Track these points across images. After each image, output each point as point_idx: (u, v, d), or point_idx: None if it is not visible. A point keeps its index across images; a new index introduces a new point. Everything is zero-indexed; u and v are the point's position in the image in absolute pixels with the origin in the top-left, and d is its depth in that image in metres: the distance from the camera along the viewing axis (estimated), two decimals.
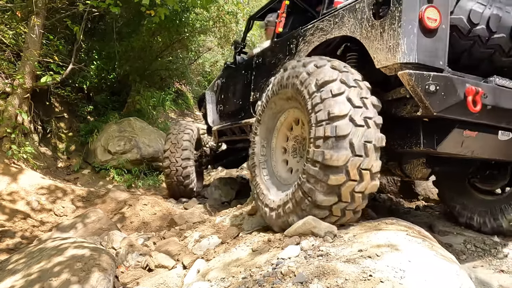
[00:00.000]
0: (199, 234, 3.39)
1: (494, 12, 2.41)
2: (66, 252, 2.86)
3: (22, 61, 5.96)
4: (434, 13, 2.24)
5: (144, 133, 7.03)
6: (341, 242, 2.03)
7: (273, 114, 3.07)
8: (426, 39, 2.24)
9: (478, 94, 2.23)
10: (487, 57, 2.57)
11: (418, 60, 2.21)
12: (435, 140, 2.51)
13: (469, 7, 2.42)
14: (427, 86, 2.19)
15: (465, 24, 2.43)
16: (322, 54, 2.91)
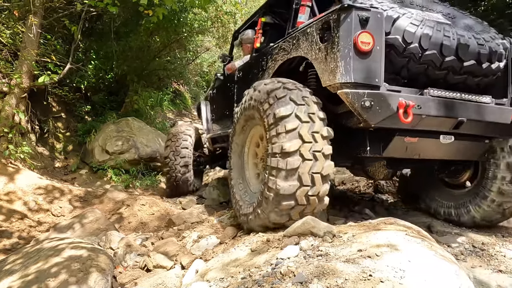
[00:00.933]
0: (197, 234, 3.38)
1: (424, 32, 2.65)
2: (63, 253, 2.84)
3: (20, 61, 5.93)
4: (367, 37, 2.49)
5: (142, 133, 7.01)
6: (340, 242, 2.02)
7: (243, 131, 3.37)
8: (361, 61, 2.50)
9: (409, 107, 2.49)
10: (422, 72, 2.79)
11: (354, 79, 2.48)
12: (381, 147, 2.84)
13: (403, 27, 2.66)
14: (362, 102, 2.46)
15: (400, 43, 2.67)
16: (287, 70, 3.31)
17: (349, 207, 4.19)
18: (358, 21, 2.50)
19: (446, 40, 2.68)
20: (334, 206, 4.20)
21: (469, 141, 3.09)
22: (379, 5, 2.77)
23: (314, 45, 2.86)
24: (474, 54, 2.75)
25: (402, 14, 2.71)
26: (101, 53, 8.16)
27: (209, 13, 9.81)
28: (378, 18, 2.57)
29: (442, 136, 2.90)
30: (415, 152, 2.95)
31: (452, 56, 2.71)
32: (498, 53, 2.86)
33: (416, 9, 2.94)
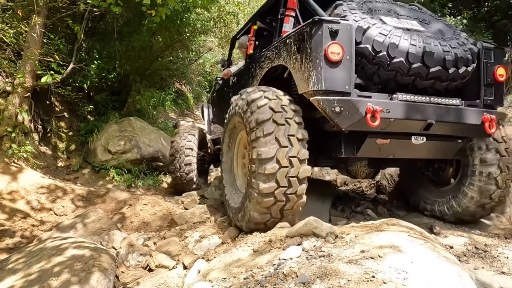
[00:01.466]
0: (199, 234, 3.38)
1: (392, 41, 2.83)
2: (66, 252, 2.85)
3: (23, 60, 5.94)
4: (337, 48, 2.69)
5: (144, 133, 7.01)
6: (342, 243, 2.02)
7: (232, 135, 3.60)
8: (331, 70, 2.70)
9: (377, 112, 2.68)
10: (392, 78, 2.97)
11: (325, 87, 2.70)
12: (355, 148, 3.05)
13: (373, 37, 2.85)
14: (333, 108, 2.68)
15: (370, 52, 2.87)
16: (273, 77, 3.54)
17: (351, 208, 4.18)
18: (328, 33, 2.71)
19: (412, 48, 2.84)
20: (337, 207, 4.20)
21: (441, 141, 3.26)
22: (352, 16, 2.98)
23: (292, 55, 3.08)
24: (439, 60, 2.90)
25: (372, 25, 2.90)
26: (104, 53, 8.18)
27: (212, 13, 9.81)
28: (348, 29, 2.77)
29: (414, 137, 3.07)
30: (388, 152, 3.17)
31: (419, 63, 2.87)
32: (464, 59, 2.99)
33: (392, 17, 3.15)
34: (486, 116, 3.08)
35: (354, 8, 3.10)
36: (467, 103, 3.16)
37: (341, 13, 3.07)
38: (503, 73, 3.25)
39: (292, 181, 2.73)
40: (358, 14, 3.01)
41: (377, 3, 3.37)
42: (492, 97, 3.25)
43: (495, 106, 3.29)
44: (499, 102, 3.31)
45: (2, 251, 4.06)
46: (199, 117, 15.90)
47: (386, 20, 3.06)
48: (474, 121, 3.10)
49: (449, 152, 3.45)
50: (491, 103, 3.25)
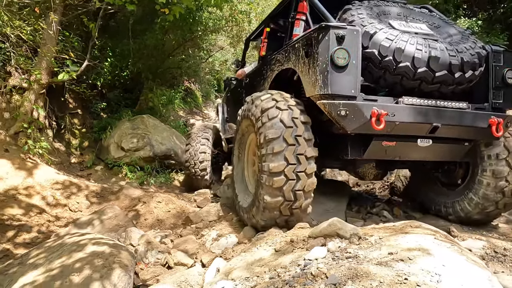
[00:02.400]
0: (216, 233, 3.39)
1: (398, 46, 2.86)
2: (86, 248, 2.87)
3: (39, 57, 6.00)
4: (343, 53, 2.75)
5: (157, 131, 7.04)
6: (368, 245, 2.01)
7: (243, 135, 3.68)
8: (337, 74, 2.76)
9: (382, 115, 2.76)
10: (398, 82, 3.00)
11: (331, 91, 2.76)
12: (361, 150, 3.12)
13: (379, 42, 2.90)
14: (338, 112, 2.75)
15: (377, 56, 2.92)
16: (284, 78, 3.59)
17: (367, 209, 4.16)
18: (335, 39, 2.77)
19: (417, 53, 2.86)
20: (352, 208, 4.19)
21: (448, 144, 3.27)
22: (359, 21, 3.03)
23: (300, 59, 3.15)
24: (445, 65, 2.90)
25: (379, 30, 2.95)
26: (117, 50, 8.23)
27: (224, 12, 9.82)
28: (354, 35, 2.82)
29: (420, 140, 3.12)
30: (394, 154, 3.22)
31: (424, 67, 2.89)
32: (471, 63, 2.98)
33: (400, 21, 3.20)
34: (493, 119, 3.08)
35: (363, 13, 3.14)
36: (475, 106, 3.15)
37: (349, 18, 3.13)
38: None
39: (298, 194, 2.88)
40: (366, 19, 3.05)
41: (386, 6, 3.41)
42: (501, 100, 3.24)
43: (504, 109, 3.29)
44: (508, 105, 3.30)
45: (19, 246, 4.11)
46: (207, 115, 15.93)
47: (394, 24, 3.11)
48: (481, 124, 3.10)
49: (456, 154, 3.45)
50: (500, 106, 3.24)
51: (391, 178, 5.69)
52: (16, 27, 5.76)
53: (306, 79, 3.03)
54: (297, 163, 2.83)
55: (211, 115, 15.99)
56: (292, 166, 2.82)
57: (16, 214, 4.58)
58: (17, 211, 4.63)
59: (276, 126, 2.88)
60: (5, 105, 5.98)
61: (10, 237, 4.22)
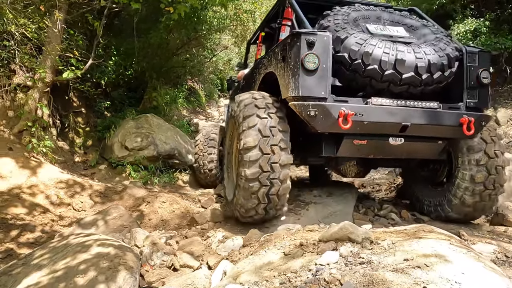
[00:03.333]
0: (222, 235, 3.35)
1: (366, 50, 3.01)
2: (91, 249, 2.83)
3: (44, 55, 5.97)
4: (313, 57, 2.94)
5: (161, 130, 6.99)
6: (381, 250, 1.96)
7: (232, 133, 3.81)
8: (308, 77, 2.94)
9: (349, 115, 2.92)
10: (368, 83, 3.16)
11: (302, 93, 2.95)
12: (335, 148, 3.30)
13: (349, 46, 3.07)
14: (308, 112, 2.93)
15: (347, 60, 3.10)
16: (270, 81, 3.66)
17: (374, 211, 4.11)
18: (305, 44, 2.95)
19: (384, 56, 3.00)
20: (359, 210, 4.13)
21: (421, 142, 3.39)
22: (334, 27, 3.22)
23: (278, 63, 3.38)
24: (411, 67, 3.03)
25: (350, 35, 3.12)
26: (122, 49, 8.19)
27: (228, 11, 9.77)
28: (325, 40, 3.01)
29: (391, 138, 3.25)
30: (367, 152, 3.41)
31: (391, 70, 3.03)
32: (438, 65, 3.09)
33: (378, 25, 3.40)
34: (464, 118, 3.18)
35: (338, 18, 3.32)
36: (449, 106, 3.27)
37: (325, 23, 3.34)
38: (488, 76, 3.33)
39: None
40: (340, 24, 3.24)
41: (366, 11, 3.58)
42: (476, 100, 3.34)
43: (479, 109, 3.36)
44: (484, 104, 3.38)
45: (23, 246, 4.07)
46: (211, 114, 15.88)
47: (370, 28, 3.30)
48: (451, 123, 3.21)
49: (430, 152, 3.58)
50: (475, 105, 3.33)
51: (397, 180, 5.63)
52: (21, 25, 5.73)
53: (281, 82, 3.25)
54: (271, 170, 3.05)
55: (214, 114, 15.95)
56: (266, 173, 3.04)
57: (20, 213, 4.55)
58: (21, 210, 4.60)
59: (254, 135, 3.08)
60: (9, 104, 5.96)
61: (13, 237, 4.19)
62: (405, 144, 3.29)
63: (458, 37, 7.57)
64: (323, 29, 3.20)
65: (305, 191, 3.99)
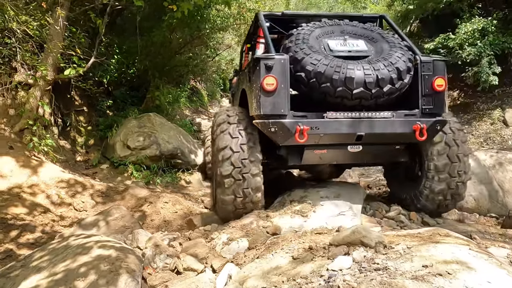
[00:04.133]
0: (227, 237, 3.25)
1: (319, 70, 3.29)
2: (91, 252, 2.74)
3: (45, 53, 5.89)
4: (271, 80, 3.24)
5: (163, 129, 6.90)
6: (396, 255, 1.86)
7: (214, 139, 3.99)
8: (267, 98, 3.26)
9: (304, 130, 3.22)
10: (323, 99, 3.43)
11: (263, 112, 3.28)
12: (299, 158, 3.63)
13: (305, 67, 3.35)
14: (269, 129, 3.27)
15: (304, 79, 3.39)
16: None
17: (382, 213, 4.00)
18: (264, 68, 3.26)
19: (335, 75, 3.26)
20: (366, 211, 4.03)
21: (379, 148, 3.72)
22: (294, 48, 3.50)
23: (246, 83, 3.71)
24: (360, 83, 3.26)
25: (306, 55, 3.39)
26: (124, 47, 8.11)
27: (232, 10, 9.67)
28: (282, 63, 3.32)
29: (350, 147, 3.54)
30: (330, 159, 3.79)
31: (342, 87, 3.28)
32: (387, 79, 3.31)
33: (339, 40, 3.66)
34: (417, 125, 3.39)
35: (299, 39, 3.59)
36: (404, 113, 3.50)
37: (287, 44, 3.62)
38: (442, 83, 3.51)
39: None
40: (299, 45, 3.51)
41: (330, 26, 3.83)
42: (432, 106, 3.52)
43: (435, 114, 3.54)
44: (440, 110, 3.55)
45: (23, 247, 3.99)
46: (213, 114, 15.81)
47: (331, 45, 3.58)
48: (404, 130, 3.44)
49: (389, 156, 3.95)
50: (430, 111, 3.52)
51: None
52: (23, 22, 5.66)
53: (249, 100, 3.61)
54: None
55: None
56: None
57: (20, 213, 4.46)
58: (21, 210, 4.51)
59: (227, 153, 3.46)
60: (11, 102, 5.88)
61: (13, 237, 4.11)
62: (363, 150, 3.58)
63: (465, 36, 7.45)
64: (286, 50, 3.56)
65: (312, 192, 3.89)
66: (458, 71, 8.17)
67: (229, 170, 3.42)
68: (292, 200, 3.78)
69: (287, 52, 3.50)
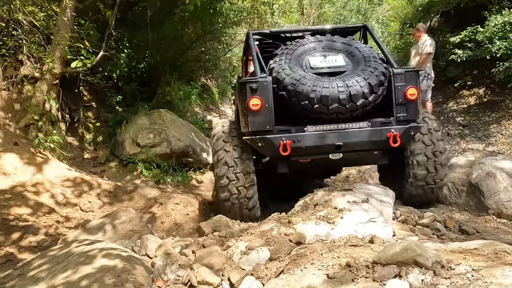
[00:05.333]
0: (245, 245, 2.91)
1: (298, 89, 3.61)
2: (95, 261, 2.44)
3: (53, 45, 5.64)
4: (256, 100, 3.61)
5: (174, 126, 6.59)
6: (463, 280, 1.51)
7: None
8: (254, 117, 3.63)
9: (287, 143, 3.57)
10: (304, 114, 3.77)
11: (251, 129, 3.66)
12: (287, 166, 3.98)
13: (286, 86, 3.68)
14: (257, 144, 3.66)
15: (285, 97, 3.71)
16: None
17: (414, 219, 3.63)
18: (249, 90, 3.63)
19: (312, 94, 3.58)
20: (396, 217, 3.66)
21: (358, 154, 3.99)
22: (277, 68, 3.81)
23: (238, 101, 4.14)
24: (335, 99, 3.58)
25: (287, 76, 3.71)
26: (135, 41, 7.83)
27: (246, 3, 9.33)
28: (265, 85, 3.68)
29: (331, 155, 3.84)
30: (314, 166, 4.32)
31: (319, 104, 3.60)
32: (360, 94, 3.60)
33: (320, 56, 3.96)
34: (390, 133, 3.69)
35: (282, 59, 3.91)
36: (380, 122, 3.80)
37: (271, 65, 3.93)
38: (414, 93, 3.77)
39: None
40: (282, 65, 3.82)
41: (313, 42, 4.11)
42: (406, 113, 3.80)
43: (409, 121, 3.80)
44: (413, 116, 3.83)
45: (24, 250, 3.73)
46: (224, 112, 15.47)
47: (312, 62, 3.92)
48: (379, 138, 3.75)
49: (369, 160, 4.48)
50: (405, 118, 3.80)
51: None
52: (29, 13, 5.41)
53: (240, 117, 3.97)
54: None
55: (228, 112, 15.54)
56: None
57: (23, 213, 4.21)
58: (24, 210, 4.26)
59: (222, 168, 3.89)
60: (16, 96, 5.64)
61: (15, 240, 3.85)
62: (344, 157, 3.88)
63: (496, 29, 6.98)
64: (270, 70, 3.88)
65: (337, 195, 3.53)
66: (484, 67, 7.70)
67: (225, 183, 3.84)
68: (316, 204, 3.43)
69: (271, 73, 3.84)
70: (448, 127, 7.44)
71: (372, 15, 17.75)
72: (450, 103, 8.17)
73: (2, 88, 5.48)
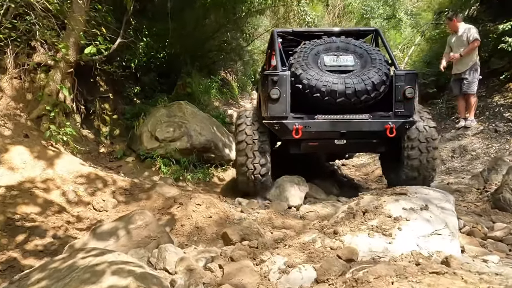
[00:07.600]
0: (283, 260, 2.39)
1: (311, 83, 4.21)
2: (102, 280, 1.97)
3: (67, 31, 5.24)
4: (276, 91, 4.28)
5: (195, 120, 6.12)
6: None
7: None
8: (273, 105, 4.30)
9: (299, 128, 4.23)
10: (316, 105, 4.32)
11: (270, 115, 4.34)
12: (299, 148, 4.59)
13: (302, 81, 4.26)
14: (274, 127, 4.36)
15: (301, 90, 4.28)
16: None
17: (482, 231, 3.04)
18: (271, 82, 4.28)
19: (323, 88, 4.15)
20: (460, 228, 3.07)
21: (359, 141, 4.64)
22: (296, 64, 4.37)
23: (260, 90, 5.05)
24: (342, 94, 4.14)
25: (303, 71, 4.27)
26: (154, 30, 7.39)
27: None
28: (284, 78, 4.30)
29: (336, 140, 4.42)
30: (321, 149, 5.05)
31: (328, 96, 4.17)
32: (363, 90, 4.14)
33: (333, 56, 4.47)
34: (388, 125, 4.24)
35: (300, 56, 4.44)
36: (380, 114, 4.35)
37: (291, 61, 4.50)
38: (411, 92, 4.31)
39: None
40: (300, 62, 4.38)
41: (329, 43, 4.60)
42: (403, 110, 4.35)
43: (406, 116, 4.35)
44: (410, 112, 4.37)
45: (29, 255, 3.32)
46: (244, 107, 14.99)
47: (326, 60, 4.43)
48: (377, 129, 4.30)
49: (369, 148, 5.22)
50: (402, 114, 4.35)
51: (491, 187, 4.48)
52: None
53: (262, 104, 4.70)
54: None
55: (248, 106, 15.05)
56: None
57: (30, 212, 3.81)
58: (32, 209, 3.86)
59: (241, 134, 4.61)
60: (28, 85, 5.26)
61: (19, 242, 3.45)
62: (347, 143, 4.46)
63: None
64: (289, 65, 4.48)
65: (388, 200, 2.96)
66: None
67: (243, 160, 4.49)
68: (365, 211, 2.88)
69: (290, 68, 4.40)
70: (495, 123, 6.73)
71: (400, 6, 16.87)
72: (495, 97, 7.43)
73: (14, 76, 5.12)
